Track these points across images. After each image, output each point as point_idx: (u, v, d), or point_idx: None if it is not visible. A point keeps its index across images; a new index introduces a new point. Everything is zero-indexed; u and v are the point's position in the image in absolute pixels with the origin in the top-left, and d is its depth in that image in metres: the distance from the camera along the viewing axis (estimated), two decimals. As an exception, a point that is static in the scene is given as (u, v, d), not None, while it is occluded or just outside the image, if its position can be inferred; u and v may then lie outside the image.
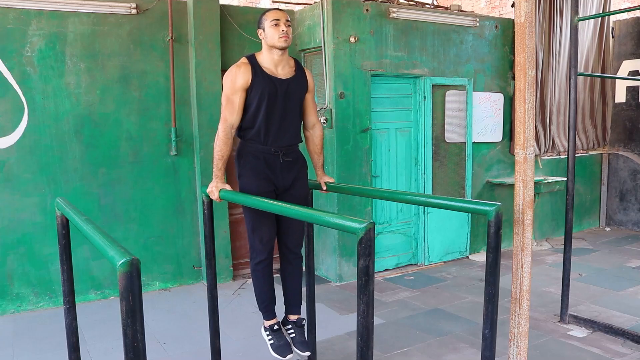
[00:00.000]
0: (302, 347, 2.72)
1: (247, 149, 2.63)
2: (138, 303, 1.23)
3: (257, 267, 2.67)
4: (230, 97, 2.56)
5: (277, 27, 2.54)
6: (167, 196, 4.54)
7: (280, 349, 2.66)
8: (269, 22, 2.56)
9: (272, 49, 2.58)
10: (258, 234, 2.62)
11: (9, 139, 3.97)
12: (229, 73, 2.59)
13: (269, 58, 2.61)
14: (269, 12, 2.61)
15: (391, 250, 5.10)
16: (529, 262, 2.41)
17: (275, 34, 2.54)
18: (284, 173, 2.65)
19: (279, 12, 2.61)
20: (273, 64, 2.60)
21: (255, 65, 2.58)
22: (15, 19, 3.90)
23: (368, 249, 1.51)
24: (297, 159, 2.71)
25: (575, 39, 3.59)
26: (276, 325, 2.73)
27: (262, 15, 2.63)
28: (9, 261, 4.03)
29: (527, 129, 2.40)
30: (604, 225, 6.79)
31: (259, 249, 2.64)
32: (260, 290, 2.70)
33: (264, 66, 2.59)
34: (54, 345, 3.44)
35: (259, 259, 2.65)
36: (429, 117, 5.06)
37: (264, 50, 2.63)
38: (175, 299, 4.37)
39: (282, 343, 2.68)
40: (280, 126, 2.62)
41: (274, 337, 2.70)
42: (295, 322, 2.78)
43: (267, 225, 2.62)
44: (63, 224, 2.18)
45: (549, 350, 3.28)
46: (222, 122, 2.57)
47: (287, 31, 2.55)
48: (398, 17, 4.79)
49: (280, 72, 2.61)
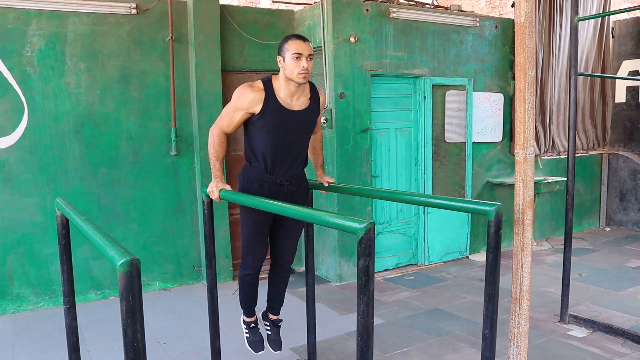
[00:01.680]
0: (274, 346, 2.95)
1: (252, 175, 2.60)
2: (138, 303, 1.23)
3: (244, 277, 2.80)
4: (232, 114, 2.50)
5: (298, 62, 2.38)
6: (167, 196, 4.54)
7: (254, 344, 2.91)
8: (290, 53, 2.38)
9: (290, 81, 2.45)
10: (251, 253, 2.73)
11: (9, 139, 3.97)
12: (241, 90, 2.46)
13: (285, 88, 2.47)
14: (292, 41, 2.41)
15: (391, 250, 5.10)
16: (529, 262, 2.41)
17: (295, 69, 2.39)
18: (286, 201, 2.67)
19: (303, 44, 2.40)
20: (289, 94, 2.48)
21: (269, 93, 2.45)
22: (15, 19, 3.90)
23: (368, 249, 1.51)
24: (300, 186, 2.69)
25: (575, 39, 3.59)
26: (253, 323, 2.93)
27: (284, 42, 2.44)
28: (9, 261, 4.03)
29: (527, 129, 2.40)
30: (604, 225, 6.79)
31: (249, 265, 2.76)
32: (244, 295, 2.86)
33: (279, 96, 2.47)
34: (54, 345, 3.44)
35: (248, 272, 2.79)
36: (429, 117, 5.06)
37: (281, 78, 2.47)
38: (175, 299, 4.37)
39: (256, 339, 2.91)
40: (288, 157, 2.57)
41: (250, 333, 2.92)
42: (274, 322, 2.97)
43: (260, 246, 2.73)
44: (63, 224, 2.18)
45: (549, 350, 3.28)
46: (216, 128, 2.54)
47: (309, 66, 2.40)
48: (398, 17, 4.79)
49: (295, 104, 2.51)
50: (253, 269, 2.76)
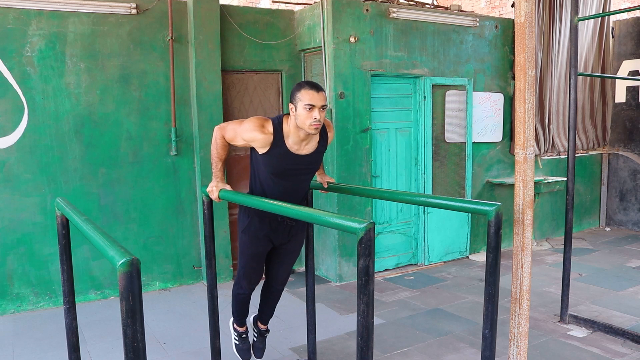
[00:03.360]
0: (258, 353, 3.08)
1: (254, 211, 2.60)
2: (138, 303, 1.23)
3: (238, 295, 2.91)
4: (238, 135, 2.49)
5: (310, 113, 2.32)
6: (167, 196, 4.54)
7: (242, 352, 3.03)
8: (303, 104, 2.31)
9: (300, 129, 2.39)
10: (247, 277, 2.81)
11: (9, 139, 3.97)
12: (252, 127, 2.41)
13: (295, 134, 2.42)
14: (306, 91, 2.32)
15: (391, 250, 5.10)
16: (529, 262, 2.41)
17: (307, 120, 2.33)
18: (285, 233, 2.74)
19: (316, 95, 2.31)
20: (298, 140, 2.44)
21: (278, 139, 2.41)
22: (15, 19, 3.90)
23: (368, 249, 1.51)
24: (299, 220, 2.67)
25: (575, 39, 3.59)
26: (244, 333, 3.05)
27: (297, 90, 2.36)
28: (9, 261, 4.03)
29: (527, 129, 2.40)
30: (604, 225, 6.79)
31: (244, 286, 2.85)
32: (237, 309, 2.97)
33: (287, 142, 2.43)
34: (54, 345, 3.44)
35: (242, 291, 2.88)
36: (429, 117, 5.06)
37: (291, 124, 2.41)
38: (175, 299, 4.37)
39: (245, 347, 3.03)
40: (290, 196, 2.55)
41: (239, 340, 3.04)
42: (261, 331, 3.08)
43: (256, 274, 2.82)
44: (63, 224, 2.19)
45: (549, 350, 3.28)
46: (221, 132, 2.54)
47: (321, 117, 2.33)
48: (398, 17, 4.79)
49: (303, 149, 2.49)
50: (247, 290, 2.87)
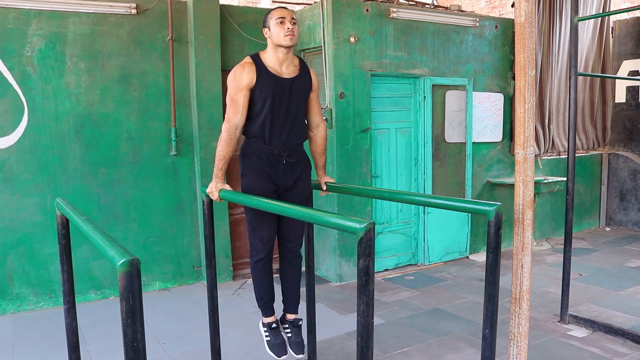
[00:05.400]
0: (296, 349, 2.75)
1: (251, 148, 2.63)
2: (138, 303, 1.23)
3: (256, 265, 2.70)
4: (234, 97, 2.54)
5: (283, 25, 2.52)
6: (167, 196, 4.54)
7: (275, 347, 2.72)
8: (274, 20, 2.54)
9: (278, 48, 2.56)
10: (258, 233, 2.65)
11: (9, 139, 3.97)
12: (233, 73, 2.56)
13: (273, 57, 2.58)
14: (274, 10, 2.59)
15: (391, 250, 5.10)
16: (529, 262, 2.41)
17: (281, 32, 2.52)
18: (287, 174, 2.65)
19: (285, 10, 2.58)
20: (278, 62, 2.58)
21: (259, 65, 2.55)
22: (15, 19, 3.90)
23: (368, 249, 1.51)
24: (300, 159, 2.70)
25: (575, 39, 3.59)
26: (274, 323, 2.76)
27: (267, 14, 2.61)
28: (9, 261, 4.03)
29: (527, 129, 2.40)
30: (604, 225, 6.79)
31: (259, 248, 2.67)
32: (259, 288, 2.74)
33: (268, 65, 2.57)
34: (54, 345, 3.44)
35: (259, 257, 2.68)
36: (429, 117, 5.06)
37: (268, 49, 2.60)
38: (175, 299, 4.37)
39: (278, 342, 2.73)
40: (284, 126, 2.61)
41: (270, 335, 2.75)
42: (292, 322, 2.80)
43: (267, 225, 2.65)
44: (63, 224, 2.19)
45: (549, 350, 3.28)
46: (226, 122, 2.57)
47: (293, 29, 2.53)
48: (398, 17, 4.79)
49: (284, 71, 2.60)
50: (263, 251, 2.66)
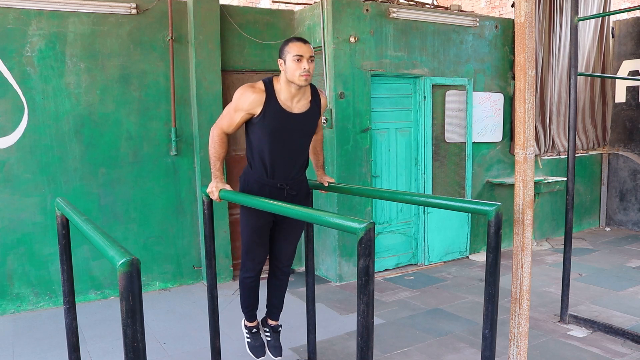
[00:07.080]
0: (275, 352, 2.93)
1: (253, 178, 2.60)
2: (138, 303, 1.23)
3: (245, 280, 2.81)
4: (233, 114, 2.50)
5: (299, 64, 2.37)
6: (167, 196, 4.54)
7: (255, 349, 2.91)
8: (291, 55, 2.38)
9: (291, 84, 2.44)
10: (251, 256, 2.73)
11: (9, 139, 3.97)
12: (242, 90, 2.46)
13: (286, 90, 2.46)
14: (293, 43, 2.40)
15: (391, 250, 5.10)
16: (529, 262, 2.41)
17: (297, 71, 2.38)
18: None
19: (304, 46, 2.40)
20: (290, 96, 2.47)
21: (270, 95, 2.44)
22: (15, 19, 3.90)
23: (368, 249, 1.51)
24: (300, 190, 2.68)
25: (575, 39, 3.59)
26: (255, 328, 2.93)
27: (284, 45, 2.43)
28: (9, 261, 4.03)
29: (527, 129, 2.40)
30: (604, 225, 6.79)
31: (249, 268, 2.76)
32: (245, 298, 2.85)
33: (279, 98, 2.46)
34: (54, 345, 3.44)
35: (248, 275, 2.79)
36: (429, 117, 5.06)
37: (282, 80, 2.47)
38: (175, 299, 4.37)
39: (257, 344, 2.92)
40: (288, 161, 2.56)
41: (251, 338, 2.93)
42: (273, 328, 2.95)
43: (260, 249, 2.73)
44: (63, 224, 2.19)
45: (549, 350, 3.28)
46: (217, 128, 2.54)
47: (310, 68, 2.39)
48: (398, 17, 4.79)
49: (295, 106, 2.50)
50: (253, 271, 2.76)
